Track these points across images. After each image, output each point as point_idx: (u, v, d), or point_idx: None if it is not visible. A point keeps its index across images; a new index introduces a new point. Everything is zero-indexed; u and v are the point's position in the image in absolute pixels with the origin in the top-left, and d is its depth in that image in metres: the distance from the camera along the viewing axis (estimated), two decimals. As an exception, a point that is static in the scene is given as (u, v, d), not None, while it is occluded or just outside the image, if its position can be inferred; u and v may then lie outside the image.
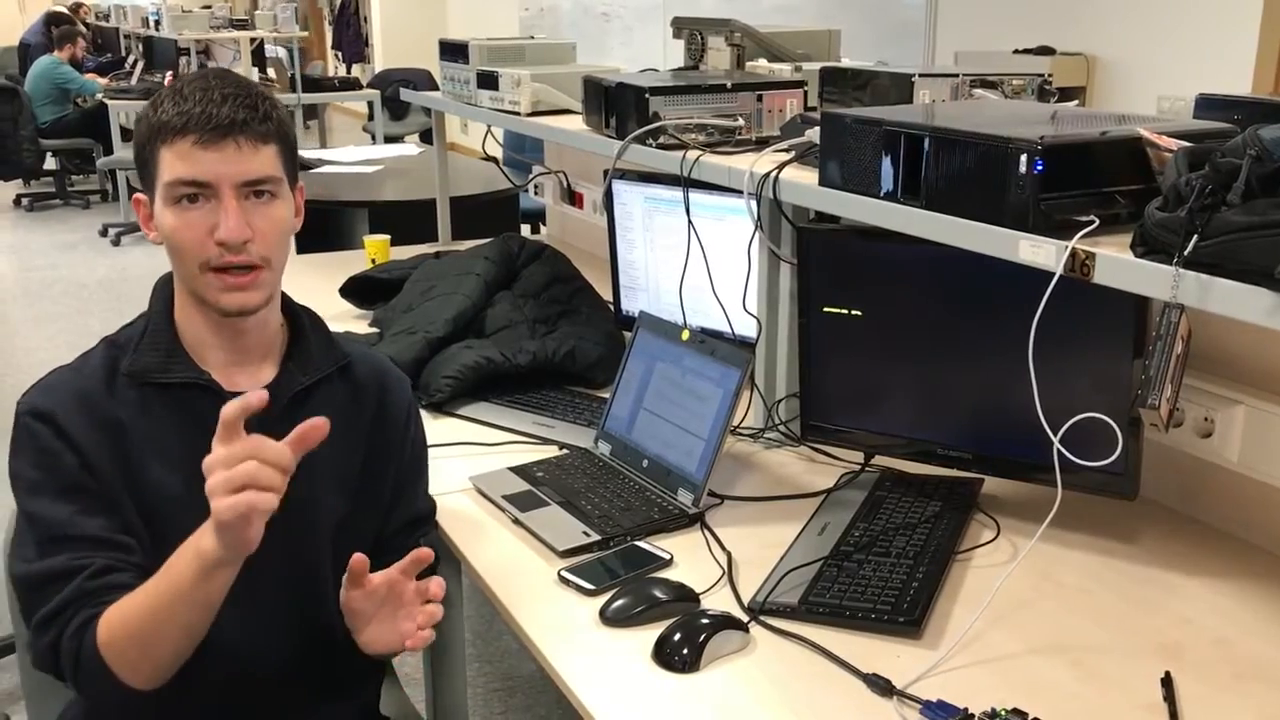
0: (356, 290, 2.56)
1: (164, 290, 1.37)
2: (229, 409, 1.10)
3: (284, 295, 1.40)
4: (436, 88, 2.92)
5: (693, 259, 2.04)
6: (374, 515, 1.45)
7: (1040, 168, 1.25)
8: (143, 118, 1.28)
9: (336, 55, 12.71)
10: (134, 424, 1.30)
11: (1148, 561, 1.52)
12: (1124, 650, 1.32)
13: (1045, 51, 4.49)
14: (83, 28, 9.67)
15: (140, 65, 8.93)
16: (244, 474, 1.09)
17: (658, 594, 1.40)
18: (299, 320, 1.42)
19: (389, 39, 11.87)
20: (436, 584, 1.27)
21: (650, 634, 1.33)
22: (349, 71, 12.07)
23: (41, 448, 1.27)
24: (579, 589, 1.45)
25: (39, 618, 1.23)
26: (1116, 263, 1.20)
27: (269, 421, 1.34)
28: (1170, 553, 1.54)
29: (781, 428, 1.91)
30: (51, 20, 8.88)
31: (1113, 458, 1.42)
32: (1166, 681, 1.25)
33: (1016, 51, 4.54)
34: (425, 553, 1.27)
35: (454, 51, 2.73)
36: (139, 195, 1.32)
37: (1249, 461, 1.52)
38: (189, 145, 1.24)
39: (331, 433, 1.39)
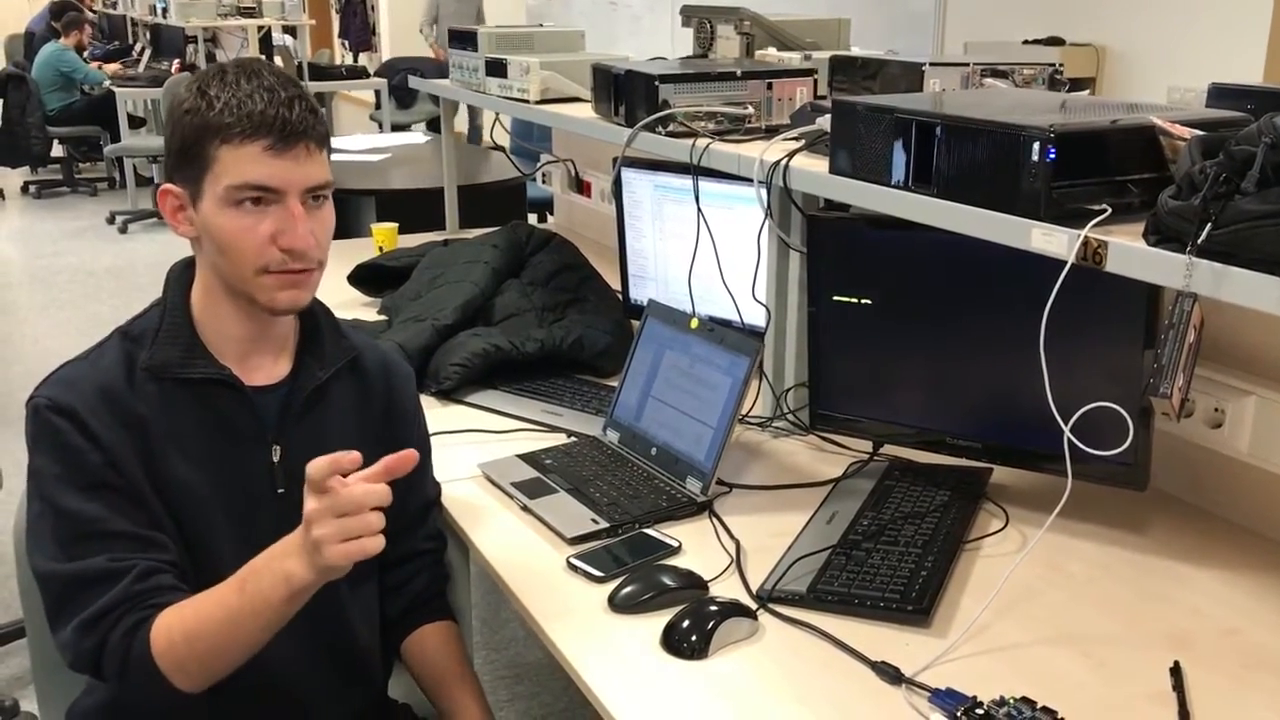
0: (365, 278, 2.56)
1: (180, 279, 1.35)
2: (316, 469, 1.11)
3: None
4: (443, 76, 2.91)
5: (702, 247, 2.04)
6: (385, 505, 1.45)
7: (1053, 156, 1.25)
8: (192, 110, 1.23)
9: (343, 44, 12.70)
10: (156, 420, 1.28)
11: (1157, 552, 1.52)
12: (1133, 640, 1.32)
13: (1055, 42, 4.47)
14: (89, 14, 9.66)
15: (147, 53, 8.92)
16: (362, 524, 1.11)
17: (666, 581, 1.40)
18: (311, 312, 1.41)
19: (395, 27, 11.85)
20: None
21: (659, 621, 1.33)
22: (355, 60, 12.06)
23: (64, 443, 1.24)
24: (587, 576, 1.45)
25: (81, 620, 1.21)
26: (1129, 251, 1.20)
27: (289, 415, 1.34)
28: (1179, 543, 1.54)
29: (790, 416, 1.91)
30: (56, 9, 8.86)
31: (1123, 448, 1.42)
32: (1175, 671, 1.25)
33: (1026, 42, 4.52)
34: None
35: (463, 39, 2.73)
36: (169, 187, 1.28)
37: (1260, 452, 1.52)
38: (259, 149, 1.21)
39: (344, 426, 1.40)
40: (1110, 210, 1.25)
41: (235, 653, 1.21)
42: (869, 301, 1.67)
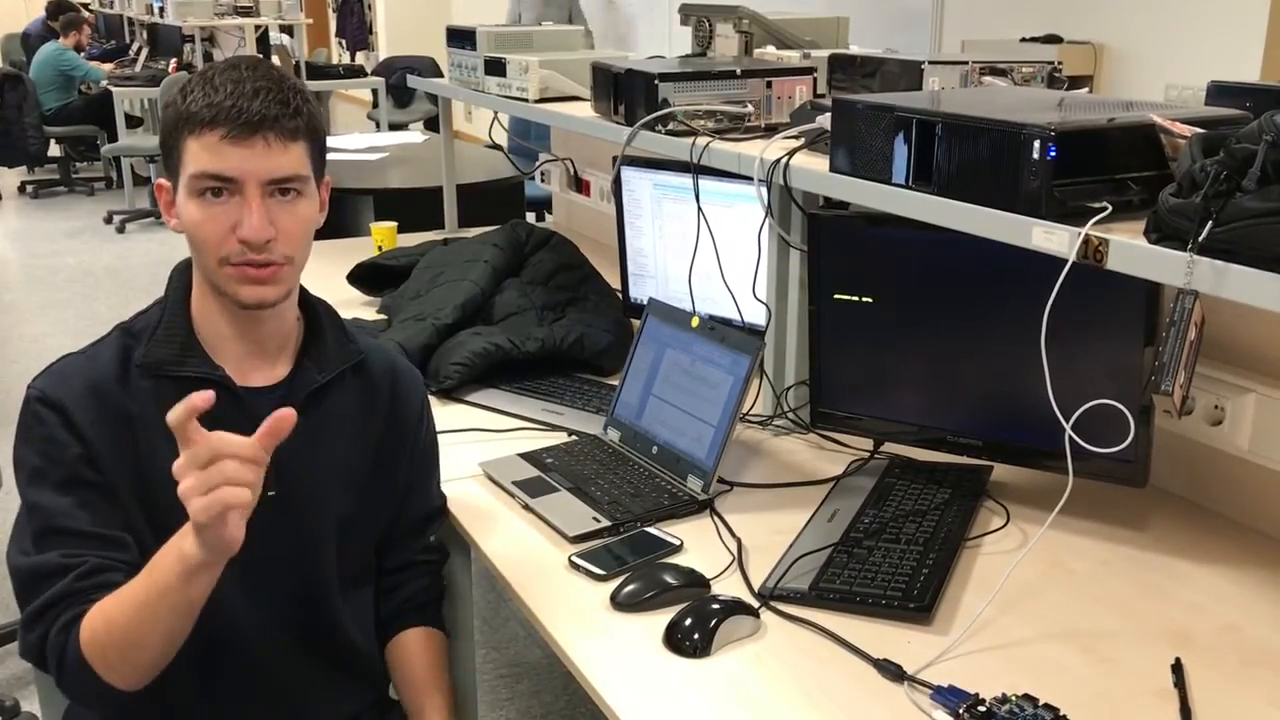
0: (364, 277, 2.56)
1: (181, 278, 1.36)
2: (174, 414, 1.07)
3: (301, 288, 1.38)
4: (441, 75, 2.91)
5: (702, 246, 2.04)
6: (382, 512, 1.46)
7: (1054, 154, 1.25)
8: (170, 104, 1.26)
9: (340, 43, 12.69)
10: (145, 417, 1.29)
11: (1157, 549, 1.52)
12: (1134, 637, 1.32)
13: (1052, 40, 4.48)
14: (86, 13, 9.66)
15: (145, 52, 8.91)
16: (218, 473, 1.07)
17: (668, 579, 1.40)
18: (315, 314, 1.41)
19: (393, 26, 11.85)
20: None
21: (661, 619, 1.33)
22: (353, 59, 12.05)
23: (47, 435, 1.26)
24: (589, 574, 1.45)
25: (29, 612, 1.23)
26: (1130, 249, 1.20)
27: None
28: (1179, 540, 1.54)
29: (790, 415, 1.91)
30: (52, 8, 8.85)
31: (1124, 445, 1.42)
32: (1177, 668, 1.25)
33: (1023, 40, 4.52)
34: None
35: (461, 38, 2.73)
36: (161, 181, 1.30)
37: (1259, 450, 1.52)
38: (216, 139, 1.21)
39: (343, 431, 1.39)
40: (1111, 208, 1.25)
41: (151, 641, 1.18)
42: (870, 300, 1.67)
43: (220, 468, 1.07)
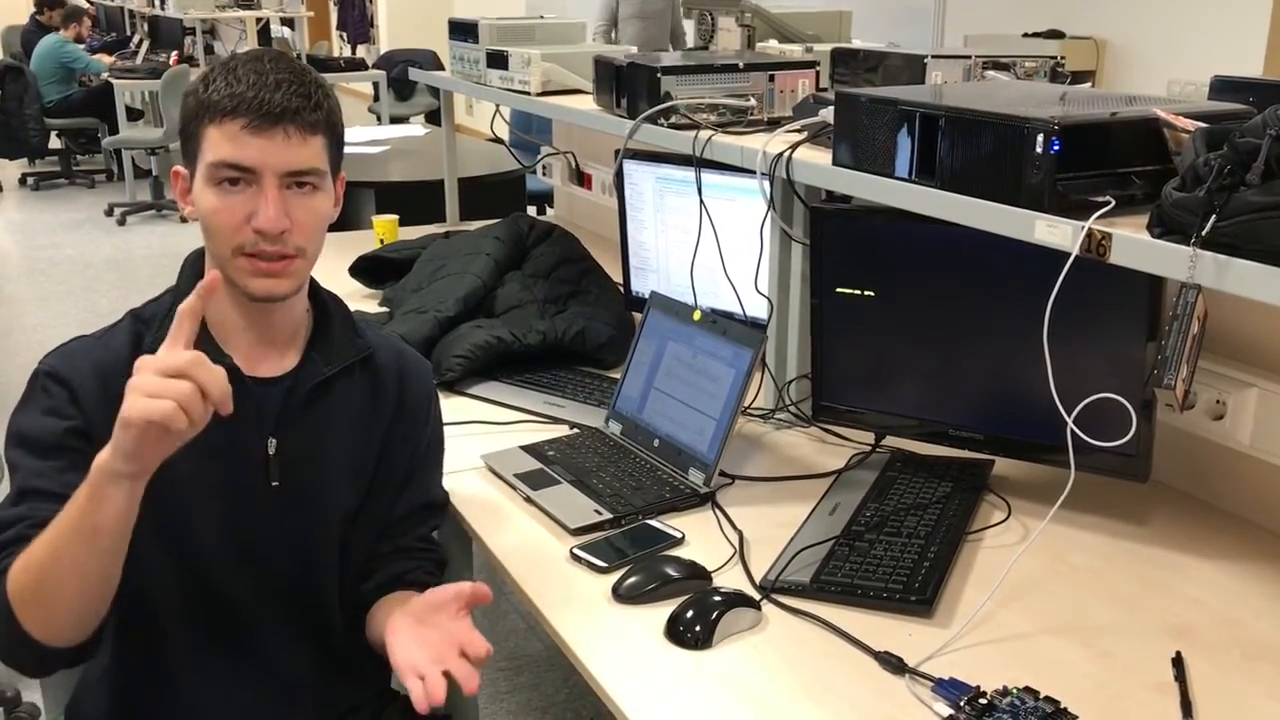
0: (366, 269, 2.56)
1: (193, 267, 1.36)
2: (189, 301, 1.10)
3: (311, 281, 1.39)
4: (442, 68, 2.91)
5: (704, 239, 2.04)
6: (386, 503, 1.45)
7: (1057, 148, 1.25)
8: (191, 92, 1.26)
9: (341, 36, 12.69)
10: None
11: (1158, 543, 1.52)
12: (1135, 631, 1.32)
13: (1055, 35, 4.48)
14: (87, 4, 9.66)
15: (145, 44, 8.91)
16: (176, 391, 1.04)
17: (670, 572, 1.40)
18: (325, 307, 1.41)
19: (394, 19, 11.84)
20: (480, 644, 1.19)
21: (662, 611, 1.33)
22: (354, 52, 12.04)
23: (49, 407, 1.27)
24: (591, 566, 1.45)
25: None
26: (1133, 243, 1.20)
27: (288, 409, 1.34)
28: (1181, 535, 1.54)
29: (792, 408, 1.91)
30: (42, 2, 8.84)
31: (1125, 439, 1.42)
32: (1177, 661, 1.25)
33: (1026, 35, 4.53)
34: (483, 591, 1.22)
35: (463, 31, 2.72)
36: (178, 168, 1.31)
37: (1261, 444, 1.52)
38: (237, 128, 1.22)
39: (350, 424, 1.39)
40: (1114, 202, 1.25)
41: (64, 583, 1.13)
42: (872, 293, 1.67)
43: (181, 388, 1.05)
